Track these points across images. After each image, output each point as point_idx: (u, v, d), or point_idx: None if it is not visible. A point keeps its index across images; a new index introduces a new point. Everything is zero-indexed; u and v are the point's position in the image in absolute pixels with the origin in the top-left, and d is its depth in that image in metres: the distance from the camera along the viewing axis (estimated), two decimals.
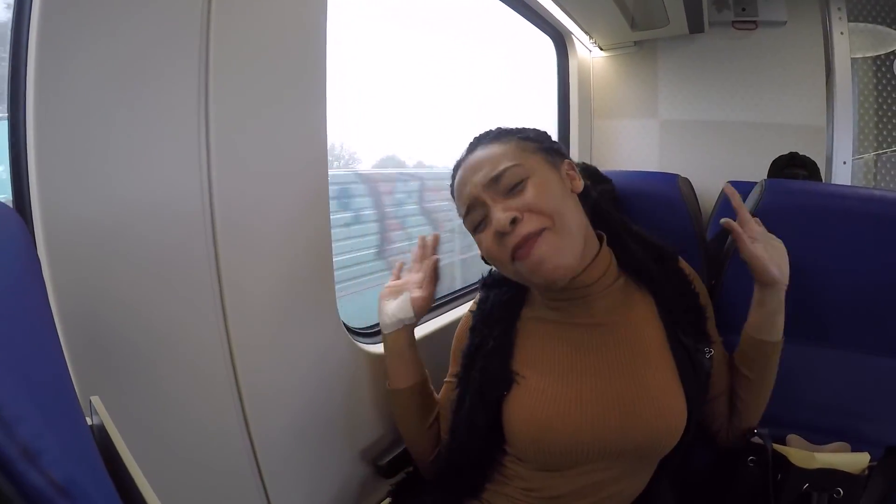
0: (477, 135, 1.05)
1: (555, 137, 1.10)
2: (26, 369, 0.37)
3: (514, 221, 0.91)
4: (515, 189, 0.93)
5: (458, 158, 1.04)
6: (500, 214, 0.91)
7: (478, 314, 1.10)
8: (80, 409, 0.50)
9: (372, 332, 1.33)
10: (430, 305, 1.14)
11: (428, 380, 1.15)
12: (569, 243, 0.93)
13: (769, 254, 1.01)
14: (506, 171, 0.94)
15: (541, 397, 0.97)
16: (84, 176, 0.70)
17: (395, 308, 1.10)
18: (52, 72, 0.66)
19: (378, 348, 1.24)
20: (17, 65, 0.67)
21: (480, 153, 0.99)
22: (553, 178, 0.97)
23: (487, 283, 1.13)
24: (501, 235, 0.92)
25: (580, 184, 1.02)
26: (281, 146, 0.94)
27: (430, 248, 1.21)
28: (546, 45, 2.77)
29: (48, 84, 0.66)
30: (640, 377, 0.97)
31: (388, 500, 1.16)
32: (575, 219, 0.96)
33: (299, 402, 1.01)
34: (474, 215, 0.97)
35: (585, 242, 0.98)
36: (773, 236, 1.04)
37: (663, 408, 0.96)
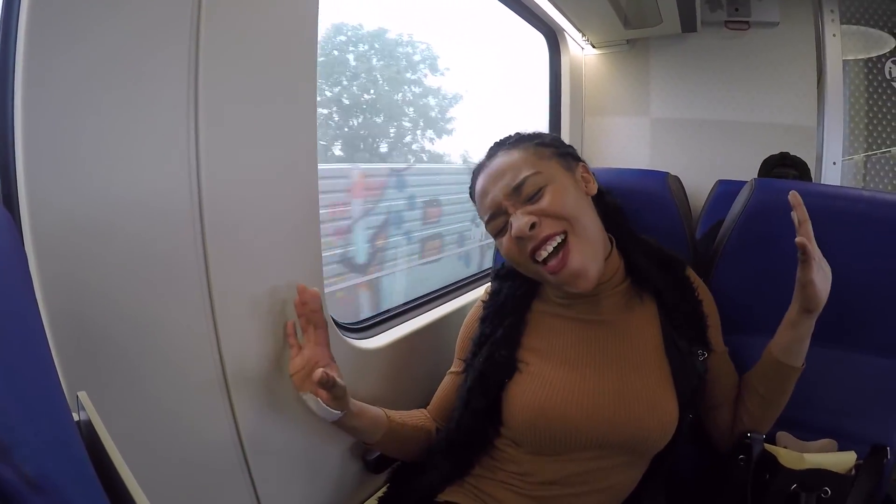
0: (497, 140, 1.11)
1: None
2: (5, 364, 0.37)
3: (532, 227, 0.97)
4: (535, 197, 1.00)
5: (479, 163, 1.10)
6: (519, 220, 0.98)
7: (490, 305, 1.14)
8: (66, 404, 0.50)
9: (361, 328, 1.33)
10: (346, 396, 0.99)
11: (391, 420, 1.11)
12: (591, 249, 0.99)
13: (821, 280, 0.96)
14: (526, 179, 1.00)
15: (541, 383, 1.02)
16: (72, 172, 0.70)
17: (318, 408, 0.98)
18: (41, 67, 0.66)
19: (366, 343, 1.24)
20: (5, 60, 0.67)
21: (501, 160, 1.05)
22: (569, 184, 1.03)
23: (500, 275, 1.18)
24: (520, 239, 0.98)
25: (594, 186, 1.08)
26: (271, 143, 0.94)
27: (309, 307, 0.99)
28: (538, 42, 2.77)
29: (37, 79, 0.66)
30: (634, 374, 1.02)
31: (385, 487, 1.15)
32: (590, 221, 1.02)
33: (287, 399, 1.01)
34: (497, 222, 1.04)
35: (603, 245, 1.04)
36: (824, 258, 0.98)
37: (654, 405, 0.99)
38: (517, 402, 1.02)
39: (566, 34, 2.72)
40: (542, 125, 2.84)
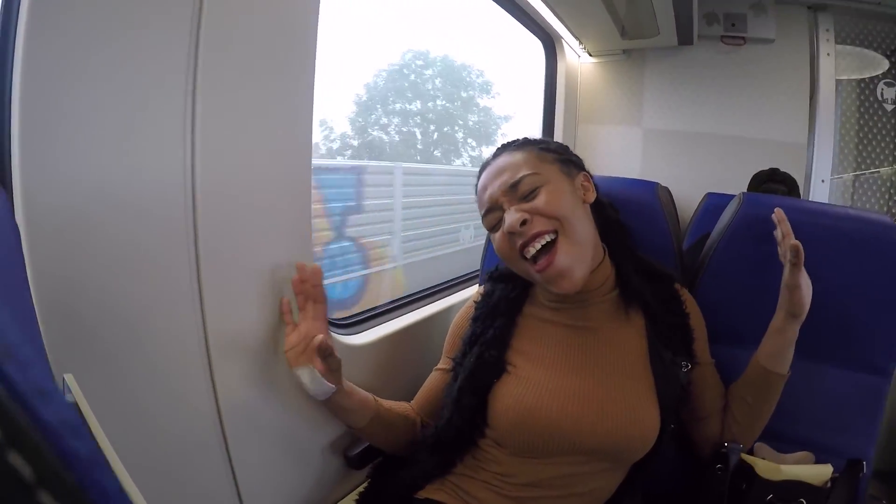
0: (504, 142, 1.14)
1: None
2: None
3: (524, 223, 1.00)
4: (530, 196, 1.03)
5: (484, 161, 1.13)
6: (512, 216, 1.01)
7: (482, 305, 1.16)
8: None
9: (348, 323, 1.33)
10: (340, 368, 1.01)
11: (379, 404, 1.12)
12: (579, 251, 1.01)
13: (805, 285, 1.02)
14: (523, 178, 1.03)
15: (526, 385, 1.03)
16: (68, 159, 0.70)
17: (311, 382, 0.99)
18: (40, 57, 0.66)
19: (352, 339, 1.24)
20: (4, 49, 0.67)
21: (503, 160, 1.09)
22: (565, 188, 1.06)
23: (494, 277, 1.20)
24: (511, 235, 1.01)
25: (592, 195, 1.11)
26: (267, 138, 0.94)
27: (310, 282, 1.01)
28: (534, 47, 2.77)
29: (35, 68, 0.66)
30: (618, 382, 1.03)
31: (366, 482, 1.15)
32: (581, 225, 1.04)
33: (271, 393, 1.01)
34: (492, 217, 1.07)
35: (593, 251, 1.06)
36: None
37: (636, 414, 1.01)
38: (503, 403, 1.03)
39: (563, 41, 2.72)
40: (533, 132, 2.84)
